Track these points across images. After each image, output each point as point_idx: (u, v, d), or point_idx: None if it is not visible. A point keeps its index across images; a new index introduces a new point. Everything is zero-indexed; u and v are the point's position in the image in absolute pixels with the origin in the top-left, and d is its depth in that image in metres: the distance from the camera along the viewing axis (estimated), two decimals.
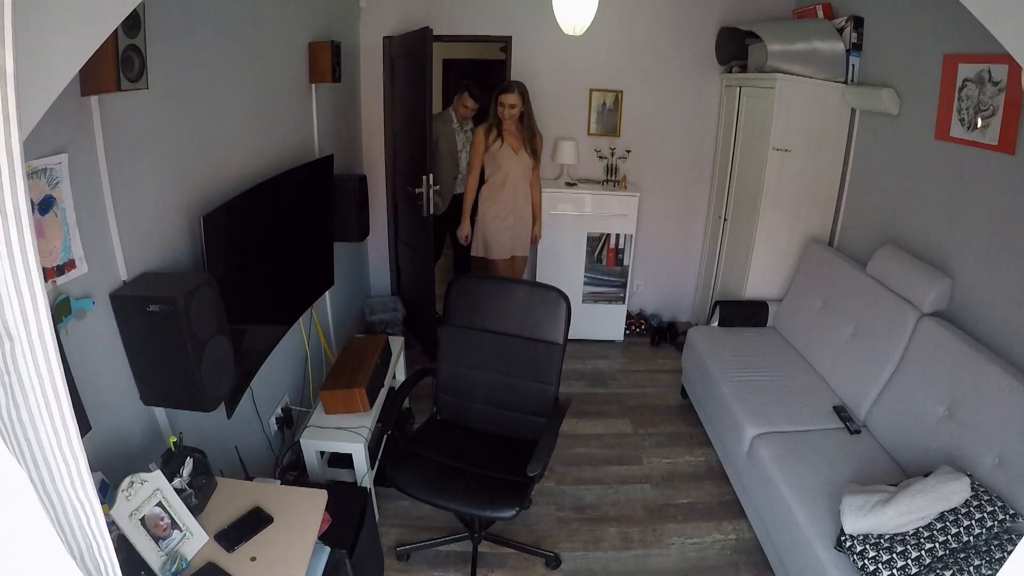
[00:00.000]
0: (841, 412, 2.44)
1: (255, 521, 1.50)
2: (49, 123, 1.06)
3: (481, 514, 2.02)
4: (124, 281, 1.56)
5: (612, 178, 3.87)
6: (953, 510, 1.69)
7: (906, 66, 2.67)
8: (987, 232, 2.21)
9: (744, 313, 3.25)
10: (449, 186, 3.93)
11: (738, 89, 3.52)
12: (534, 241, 3.67)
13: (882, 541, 1.71)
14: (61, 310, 1.33)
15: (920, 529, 1.69)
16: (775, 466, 2.18)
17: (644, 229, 3.98)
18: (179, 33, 1.74)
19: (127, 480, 1.32)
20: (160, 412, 1.73)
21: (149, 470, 1.38)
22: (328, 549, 1.65)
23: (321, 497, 1.61)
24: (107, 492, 1.36)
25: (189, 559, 1.38)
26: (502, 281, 2.36)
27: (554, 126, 3.88)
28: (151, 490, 1.36)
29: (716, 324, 3.25)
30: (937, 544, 1.65)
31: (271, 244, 2.26)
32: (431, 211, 3.32)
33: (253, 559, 1.41)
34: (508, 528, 2.42)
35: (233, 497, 1.58)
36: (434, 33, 3.07)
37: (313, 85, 2.88)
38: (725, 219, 3.72)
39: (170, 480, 1.42)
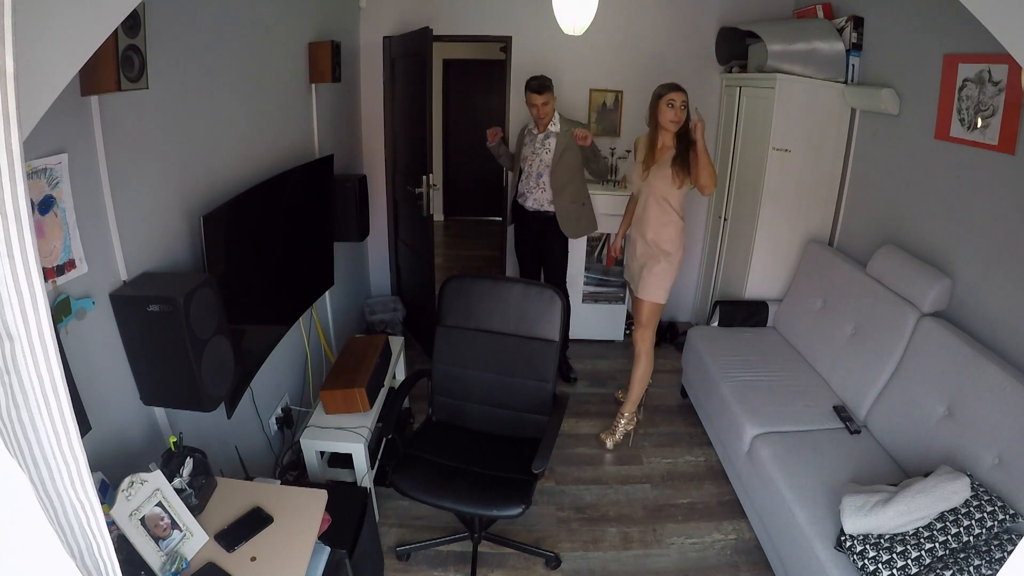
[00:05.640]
0: (841, 412, 2.44)
1: (255, 521, 1.50)
2: (49, 123, 1.05)
3: (487, 514, 2.02)
4: (124, 281, 1.56)
5: (612, 178, 3.87)
6: (953, 510, 1.69)
7: (906, 66, 2.67)
8: (987, 232, 2.20)
9: (744, 313, 3.25)
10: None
11: (738, 89, 3.52)
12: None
13: (882, 541, 1.71)
14: (61, 310, 1.34)
15: (920, 529, 1.69)
16: (775, 466, 2.18)
17: None
18: (179, 33, 1.74)
19: (127, 480, 1.32)
20: (160, 412, 1.73)
21: (149, 470, 1.38)
22: (328, 549, 1.65)
23: (321, 497, 1.61)
24: (107, 492, 1.36)
25: (189, 559, 1.38)
26: (496, 280, 2.36)
27: None
28: (151, 490, 1.36)
29: (716, 324, 3.25)
30: (937, 544, 1.65)
31: (271, 244, 2.26)
32: (431, 211, 3.32)
33: (253, 559, 1.41)
34: (508, 528, 2.42)
35: (233, 497, 1.58)
36: (434, 33, 3.07)
37: (313, 85, 2.88)
38: (725, 219, 3.72)
39: (170, 480, 1.42)
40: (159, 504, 1.36)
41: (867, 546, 1.71)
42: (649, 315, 2.92)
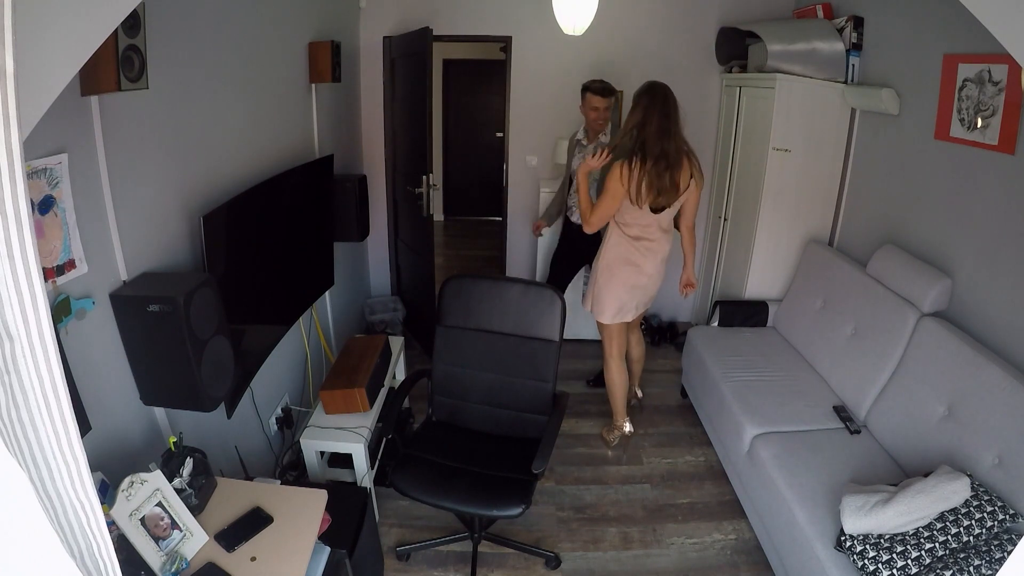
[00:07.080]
0: (841, 412, 2.44)
1: (255, 521, 1.50)
2: (49, 123, 1.05)
3: (487, 514, 2.02)
4: (124, 281, 1.56)
5: None
6: (953, 510, 1.69)
7: (906, 66, 2.67)
8: (987, 232, 2.20)
9: (744, 313, 3.25)
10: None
11: (738, 89, 3.52)
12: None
13: (882, 541, 1.71)
14: (61, 310, 1.33)
15: (920, 529, 1.69)
16: (775, 466, 2.18)
17: None
18: (179, 33, 1.74)
19: (127, 480, 1.32)
20: (160, 412, 1.73)
21: (149, 470, 1.38)
22: (328, 549, 1.65)
23: (321, 497, 1.61)
24: (107, 492, 1.36)
25: (189, 559, 1.38)
26: (496, 280, 2.35)
27: (554, 126, 3.89)
28: (151, 490, 1.36)
29: (716, 324, 3.25)
30: (937, 544, 1.65)
31: (271, 244, 2.26)
32: (431, 211, 3.32)
33: (253, 559, 1.41)
34: (508, 528, 2.42)
35: (233, 497, 1.58)
36: (434, 33, 3.07)
37: (313, 85, 2.88)
38: (725, 219, 3.72)
39: (170, 480, 1.42)
40: (159, 504, 1.36)
41: (867, 546, 1.71)
42: (598, 327, 2.91)
